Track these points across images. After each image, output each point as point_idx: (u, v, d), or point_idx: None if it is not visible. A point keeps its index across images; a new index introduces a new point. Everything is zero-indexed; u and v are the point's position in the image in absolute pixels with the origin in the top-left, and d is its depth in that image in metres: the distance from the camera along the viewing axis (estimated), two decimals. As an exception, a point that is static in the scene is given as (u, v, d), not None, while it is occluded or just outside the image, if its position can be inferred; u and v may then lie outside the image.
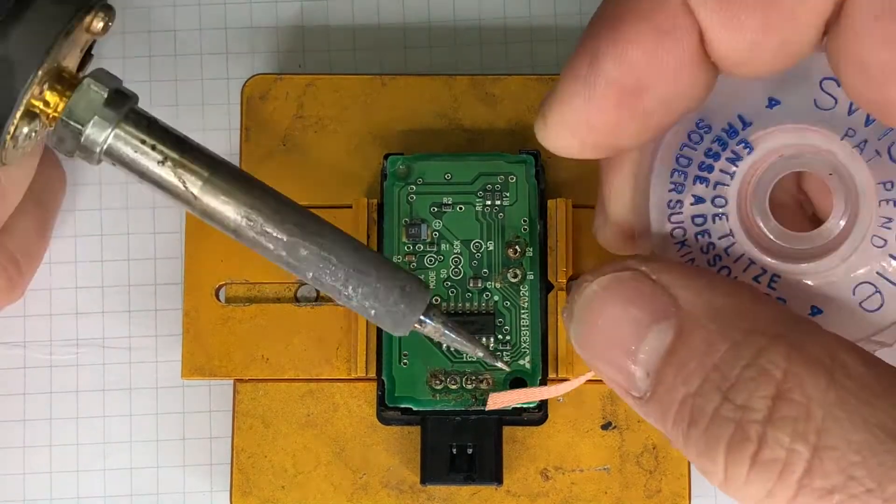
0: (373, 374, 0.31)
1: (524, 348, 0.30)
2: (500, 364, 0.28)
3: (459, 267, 0.31)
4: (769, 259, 0.25)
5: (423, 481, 0.31)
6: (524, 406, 0.30)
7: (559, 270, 0.31)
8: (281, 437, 0.32)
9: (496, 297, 0.31)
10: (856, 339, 0.24)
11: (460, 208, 0.31)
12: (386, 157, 0.31)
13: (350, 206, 0.32)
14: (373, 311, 0.25)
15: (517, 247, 0.31)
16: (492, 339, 0.30)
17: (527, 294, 0.31)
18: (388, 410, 0.31)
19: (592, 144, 0.23)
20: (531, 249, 0.31)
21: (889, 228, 0.24)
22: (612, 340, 0.23)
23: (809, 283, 0.25)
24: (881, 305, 0.24)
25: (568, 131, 0.23)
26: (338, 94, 0.33)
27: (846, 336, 0.23)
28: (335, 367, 0.32)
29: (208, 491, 0.33)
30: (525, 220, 0.31)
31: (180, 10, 0.35)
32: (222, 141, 0.35)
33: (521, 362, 0.30)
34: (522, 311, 0.31)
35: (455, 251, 0.31)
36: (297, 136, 0.33)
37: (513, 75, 0.33)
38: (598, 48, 0.22)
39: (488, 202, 0.31)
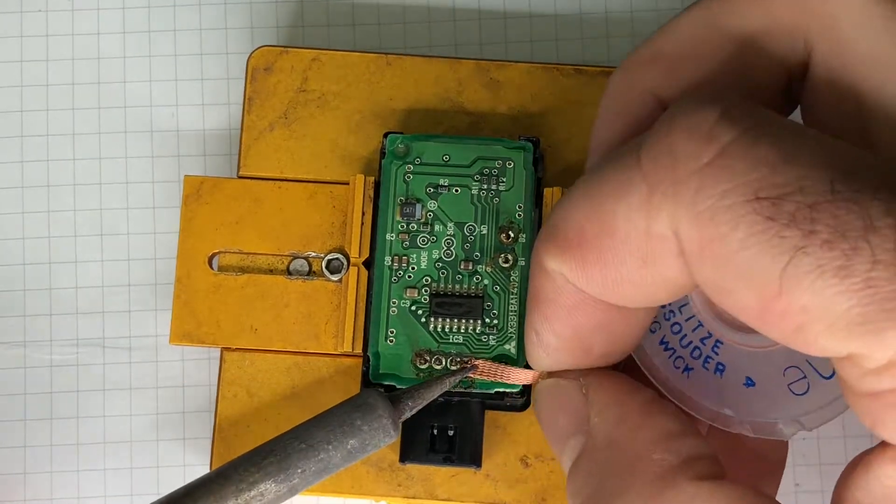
0: (359, 351, 0.31)
1: (510, 333, 0.30)
2: (473, 363, 0.30)
3: (452, 249, 0.31)
4: (717, 324, 0.26)
5: (403, 460, 0.31)
6: (507, 390, 0.30)
7: (551, 258, 0.31)
8: (265, 407, 0.32)
9: (486, 281, 0.31)
10: (782, 416, 0.25)
11: (456, 190, 0.31)
12: (385, 135, 0.32)
13: (347, 183, 0.32)
14: (356, 443, 0.28)
15: (510, 232, 0.31)
16: (479, 323, 0.30)
17: (517, 279, 0.31)
18: (371, 387, 0.31)
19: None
20: (524, 236, 0.31)
21: None
22: (549, 431, 0.27)
23: (748, 354, 0.26)
24: (807, 391, 0.26)
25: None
26: (342, 71, 0.33)
27: (772, 412, 0.25)
28: (322, 343, 0.32)
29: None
30: (520, 206, 0.31)
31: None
32: (221, 116, 0.35)
33: (507, 346, 0.30)
34: (511, 297, 0.31)
35: (448, 233, 0.31)
36: (298, 110, 0.33)
37: (518, 62, 0.33)
38: (535, 325, 0.26)
39: (484, 186, 0.31)
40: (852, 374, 0.21)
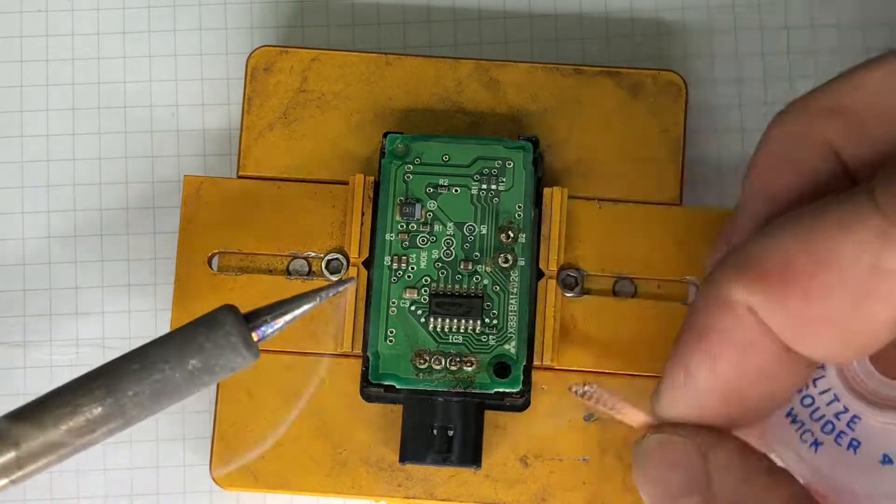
0: (359, 351, 0.31)
1: (510, 333, 0.30)
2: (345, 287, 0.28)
3: (451, 249, 0.31)
4: (854, 399, 0.25)
5: (402, 460, 0.31)
6: (507, 390, 0.30)
7: (550, 259, 0.31)
8: (264, 408, 0.32)
9: (486, 281, 0.31)
10: None
11: (456, 190, 0.31)
12: (385, 135, 0.32)
13: (346, 183, 0.32)
14: (198, 363, 0.25)
15: (510, 232, 0.31)
16: (478, 323, 0.30)
17: (517, 279, 0.31)
18: (371, 387, 0.31)
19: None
20: (524, 235, 0.31)
21: None
22: (655, 489, 0.25)
23: (888, 431, 0.25)
24: None
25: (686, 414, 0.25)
26: (342, 71, 0.33)
27: None
28: (321, 343, 0.32)
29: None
30: (520, 206, 0.31)
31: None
32: (221, 116, 0.35)
33: (507, 347, 0.30)
34: (511, 297, 0.31)
35: (448, 233, 0.31)
36: (298, 110, 0.33)
37: (518, 62, 0.33)
38: (689, 362, 0.24)
39: (484, 186, 0.31)
40: None
